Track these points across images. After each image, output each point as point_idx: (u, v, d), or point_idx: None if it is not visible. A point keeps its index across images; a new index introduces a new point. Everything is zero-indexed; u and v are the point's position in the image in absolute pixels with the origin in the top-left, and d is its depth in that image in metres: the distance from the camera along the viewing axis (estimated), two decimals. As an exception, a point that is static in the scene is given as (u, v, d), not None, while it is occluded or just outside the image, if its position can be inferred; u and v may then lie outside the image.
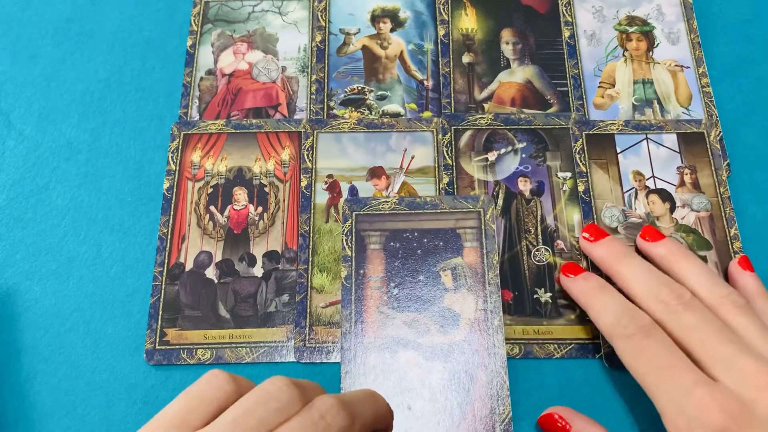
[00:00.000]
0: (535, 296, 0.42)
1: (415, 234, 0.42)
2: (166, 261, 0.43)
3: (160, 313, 0.41)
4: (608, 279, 0.40)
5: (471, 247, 0.41)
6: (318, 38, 0.50)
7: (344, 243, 0.42)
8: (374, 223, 0.42)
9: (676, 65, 0.49)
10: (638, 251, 0.41)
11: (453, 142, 0.46)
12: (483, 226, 0.42)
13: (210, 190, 0.45)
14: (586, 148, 0.45)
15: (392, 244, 0.42)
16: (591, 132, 0.46)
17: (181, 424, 0.26)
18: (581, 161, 0.45)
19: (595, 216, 0.44)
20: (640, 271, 0.38)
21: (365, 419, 0.29)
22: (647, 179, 0.45)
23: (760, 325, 0.34)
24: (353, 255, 0.41)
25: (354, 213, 0.42)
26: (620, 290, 0.38)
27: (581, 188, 0.44)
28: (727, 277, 0.41)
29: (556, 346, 0.40)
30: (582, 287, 0.39)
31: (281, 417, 0.26)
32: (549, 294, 0.41)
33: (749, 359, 0.32)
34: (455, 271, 0.41)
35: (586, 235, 0.41)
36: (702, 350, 0.33)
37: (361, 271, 0.41)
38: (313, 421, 0.26)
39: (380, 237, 0.42)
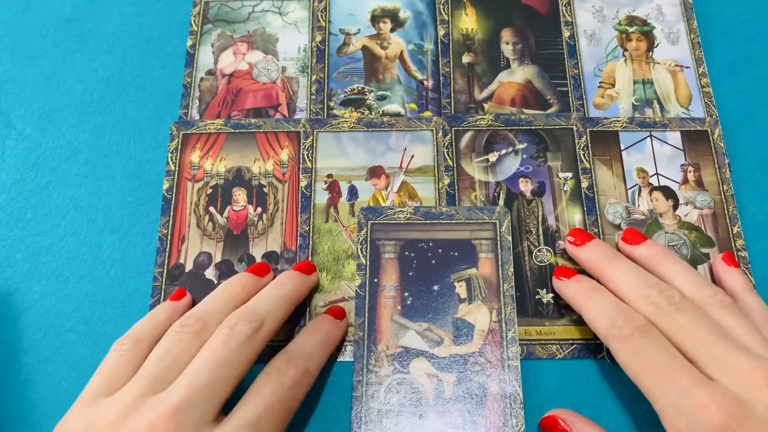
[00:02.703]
0: (537, 297, 0.41)
1: (430, 244, 0.42)
2: (166, 261, 0.43)
3: (160, 313, 0.41)
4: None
5: (486, 258, 0.41)
6: (318, 38, 0.50)
7: (359, 252, 0.41)
8: (389, 233, 0.42)
9: (676, 65, 0.49)
10: None
11: (454, 144, 0.46)
12: (498, 238, 0.41)
13: (209, 191, 0.45)
14: (590, 144, 0.45)
15: (407, 253, 0.41)
16: (595, 129, 0.46)
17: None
18: (585, 158, 0.45)
19: (598, 212, 0.43)
20: (627, 272, 0.38)
21: (275, 317, 0.37)
22: (651, 176, 0.45)
23: (748, 324, 0.35)
24: (368, 264, 0.41)
25: (369, 222, 0.42)
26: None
27: (585, 184, 0.44)
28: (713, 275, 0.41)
29: (558, 346, 0.40)
30: (575, 290, 0.39)
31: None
32: (551, 295, 0.41)
33: (743, 357, 0.32)
34: (470, 282, 0.41)
35: (571, 239, 0.41)
36: (696, 350, 0.33)
37: (375, 280, 0.41)
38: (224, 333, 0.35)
39: (395, 246, 0.42)
